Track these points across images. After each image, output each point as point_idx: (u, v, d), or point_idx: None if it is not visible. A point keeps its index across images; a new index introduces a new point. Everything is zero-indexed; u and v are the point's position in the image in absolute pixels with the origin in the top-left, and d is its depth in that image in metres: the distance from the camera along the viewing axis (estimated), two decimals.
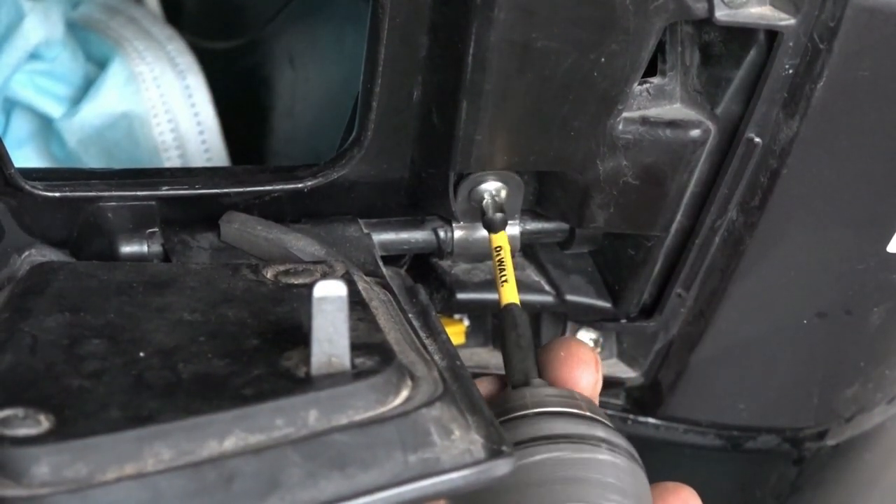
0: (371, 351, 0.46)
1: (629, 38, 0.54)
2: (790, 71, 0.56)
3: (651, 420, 0.70)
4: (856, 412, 0.72)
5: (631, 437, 0.70)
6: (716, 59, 0.57)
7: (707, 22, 0.55)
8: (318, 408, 0.43)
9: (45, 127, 0.78)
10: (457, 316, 0.67)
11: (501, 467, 0.44)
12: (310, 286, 0.44)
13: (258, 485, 0.41)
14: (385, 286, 0.55)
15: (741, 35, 0.55)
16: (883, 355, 0.69)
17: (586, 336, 0.67)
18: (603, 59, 0.54)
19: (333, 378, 0.44)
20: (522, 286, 0.64)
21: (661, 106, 0.58)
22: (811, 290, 0.64)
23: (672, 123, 0.58)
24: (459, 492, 0.44)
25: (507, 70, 0.54)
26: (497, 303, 0.63)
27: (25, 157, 0.78)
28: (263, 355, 0.46)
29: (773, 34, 0.55)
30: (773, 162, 0.58)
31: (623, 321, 0.65)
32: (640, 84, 0.57)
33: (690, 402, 0.69)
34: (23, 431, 0.41)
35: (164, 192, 0.57)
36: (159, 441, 0.42)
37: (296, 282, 0.52)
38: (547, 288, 0.64)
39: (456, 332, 0.67)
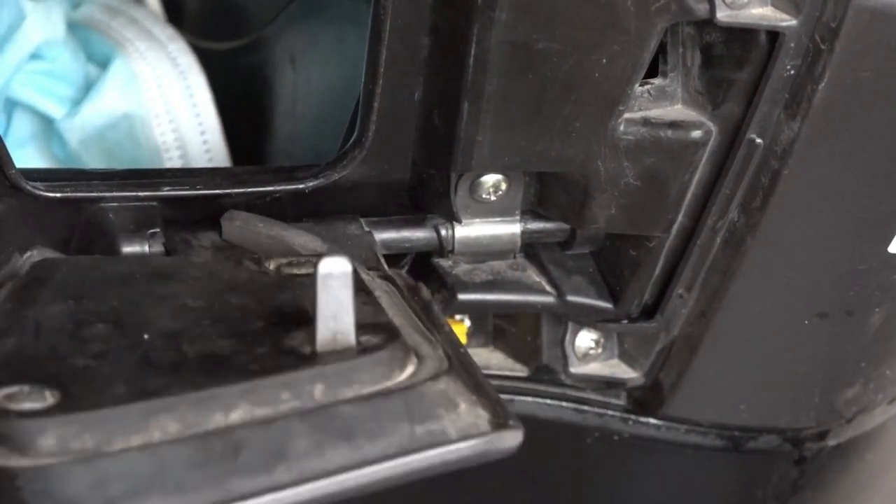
0: (376, 329, 0.46)
1: (630, 39, 0.54)
2: (791, 72, 0.56)
3: (652, 420, 0.70)
4: (857, 412, 0.72)
5: (632, 438, 0.70)
6: (717, 59, 0.57)
7: (708, 23, 0.55)
8: (323, 382, 0.44)
9: (47, 127, 0.78)
10: (458, 317, 0.67)
11: (510, 439, 0.44)
12: (313, 275, 0.44)
13: (265, 455, 0.42)
14: (387, 278, 0.55)
15: (742, 36, 0.55)
16: (884, 356, 0.69)
17: (587, 337, 0.67)
18: (604, 61, 0.54)
19: (339, 354, 0.45)
20: (523, 286, 0.64)
21: (662, 107, 0.58)
22: (812, 291, 0.64)
23: (673, 124, 0.58)
24: (467, 463, 0.44)
25: (509, 71, 0.54)
26: (498, 303, 0.64)
27: (27, 157, 0.78)
28: (268, 336, 0.46)
29: (774, 35, 0.55)
30: (775, 163, 0.58)
31: (624, 322, 0.65)
32: (642, 85, 0.57)
33: (692, 403, 0.69)
34: (28, 405, 0.41)
35: (166, 192, 0.57)
36: (165, 413, 0.42)
37: (298, 272, 0.52)
38: (548, 288, 0.64)
39: (457, 332, 0.67)
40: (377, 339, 0.46)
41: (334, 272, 0.44)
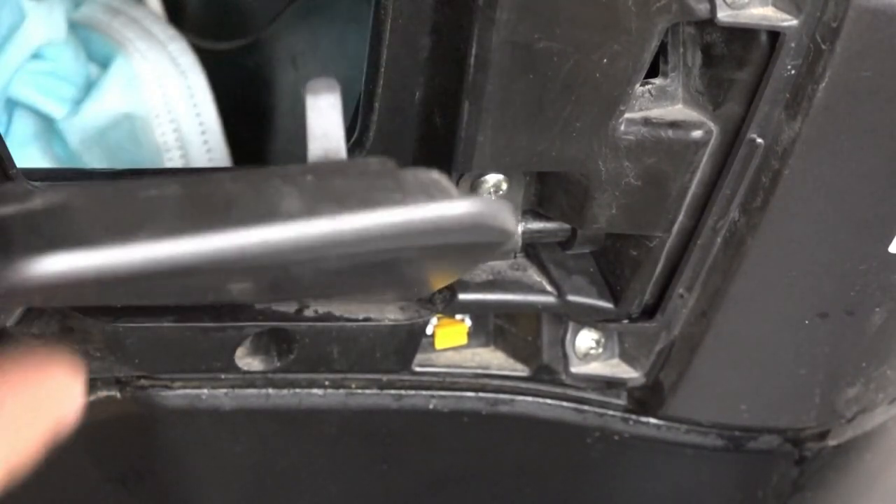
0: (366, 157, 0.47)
1: (631, 38, 0.54)
2: (792, 71, 0.56)
3: (653, 420, 0.70)
4: (857, 412, 0.72)
5: (633, 438, 0.70)
6: (718, 59, 0.57)
7: (709, 23, 0.55)
8: (314, 174, 0.44)
9: (48, 127, 0.78)
10: (458, 316, 0.67)
11: (506, 218, 0.43)
12: (302, 96, 0.46)
13: (256, 211, 0.42)
14: None
15: (743, 36, 0.55)
16: (885, 355, 0.69)
17: (588, 336, 0.67)
18: (605, 60, 0.54)
19: (330, 161, 0.46)
20: (524, 286, 0.64)
21: (662, 107, 0.58)
22: (813, 291, 0.64)
23: (674, 124, 0.58)
24: (459, 231, 0.43)
25: (509, 71, 0.54)
26: (498, 303, 0.64)
27: (28, 157, 0.78)
28: None
29: (775, 35, 0.55)
30: (775, 163, 0.58)
31: (625, 322, 0.65)
32: (642, 85, 0.57)
33: (692, 403, 0.69)
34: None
35: None
36: (158, 182, 0.43)
37: None
38: (548, 288, 0.64)
39: (458, 332, 0.67)
40: (367, 159, 0.46)
41: (322, 92, 0.44)
